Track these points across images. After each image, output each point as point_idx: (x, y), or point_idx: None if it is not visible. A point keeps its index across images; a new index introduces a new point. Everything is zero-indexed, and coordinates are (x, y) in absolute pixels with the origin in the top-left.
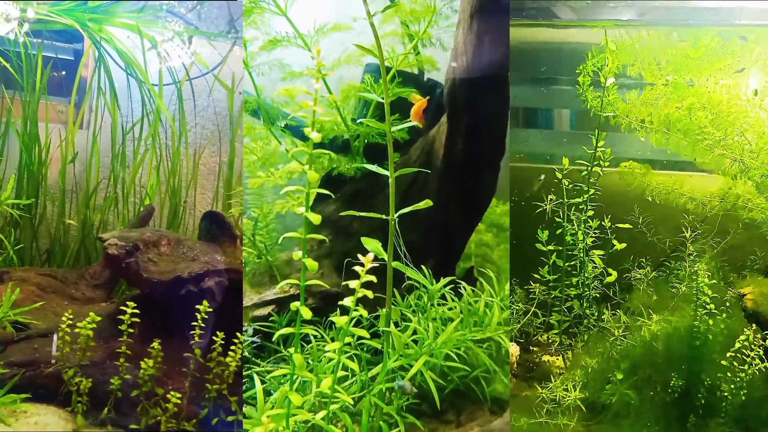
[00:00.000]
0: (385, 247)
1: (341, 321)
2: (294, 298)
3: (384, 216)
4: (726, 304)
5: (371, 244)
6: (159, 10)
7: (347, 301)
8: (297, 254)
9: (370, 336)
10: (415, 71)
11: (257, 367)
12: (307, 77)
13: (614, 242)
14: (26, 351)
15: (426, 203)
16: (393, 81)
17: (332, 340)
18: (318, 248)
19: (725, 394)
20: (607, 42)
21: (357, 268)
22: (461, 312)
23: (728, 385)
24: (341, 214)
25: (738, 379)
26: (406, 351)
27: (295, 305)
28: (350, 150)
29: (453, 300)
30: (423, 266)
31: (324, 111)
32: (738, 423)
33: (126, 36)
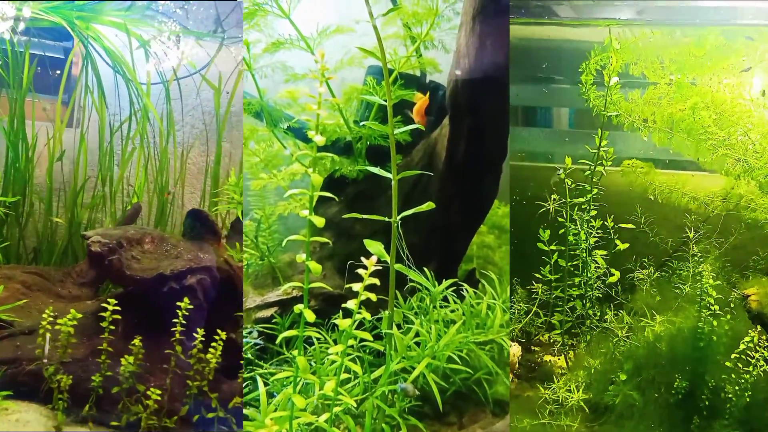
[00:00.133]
0: (388, 250)
1: (344, 324)
2: (297, 300)
3: (387, 218)
4: (731, 305)
5: (374, 247)
6: (146, 9)
7: (350, 304)
8: (301, 257)
9: (372, 337)
10: (417, 73)
11: (260, 369)
12: (310, 79)
13: (617, 242)
14: (9, 348)
15: (428, 206)
16: (395, 83)
17: (335, 342)
18: (320, 250)
19: (729, 396)
20: (611, 40)
21: (360, 271)
22: (463, 314)
23: (732, 387)
24: (344, 217)
25: (742, 381)
26: (409, 353)
27: (299, 308)
28: (352, 152)
29: (455, 302)
30: (425, 268)
31: (326, 113)
32: (742, 425)
33: (114, 34)
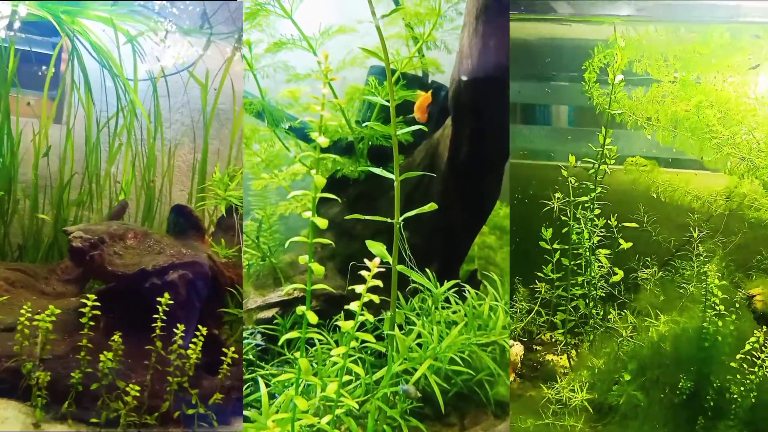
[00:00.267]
0: (390, 250)
1: (347, 326)
2: (298, 301)
3: (389, 219)
4: (736, 305)
5: (376, 248)
6: (134, 5)
7: (353, 306)
8: (303, 258)
9: (374, 338)
10: (420, 73)
11: (261, 370)
12: (312, 79)
13: (620, 241)
14: None
15: (431, 206)
16: (398, 83)
17: (336, 343)
18: (322, 250)
19: (735, 397)
20: (616, 38)
21: (363, 273)
22: (465, 315)
23: (738, 388)
24: (346, 218)
25: (748, 382)
26: (411, 355)
27: (301, 309)
28: (354, 152)
29: (457, 303)
30: (427, 269)
31: (328, 113)
32: (748, 425)
33: (101, 29)
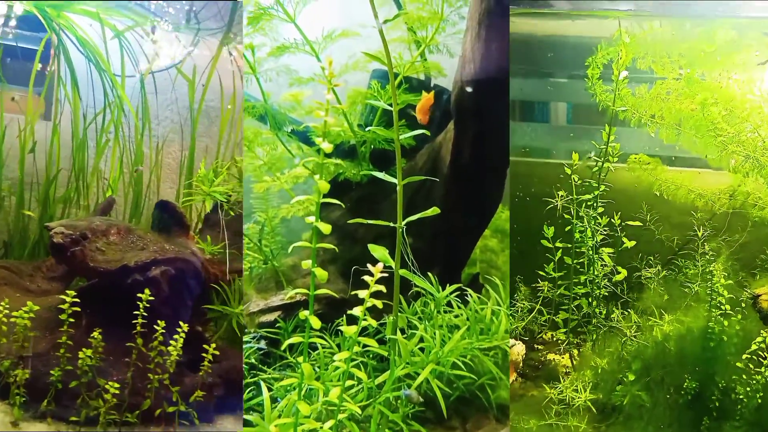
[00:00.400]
0: (392, 254)
1: (350, 331)
2: (300, 304)
3: (391, 224)
4: (742, 305)
5: (378, 252)
6: (128, 4)
7: (356, 311)
8: (307, 263)
9: (377, 342)
10: (422, 77)
11: (263, 374)
12: (314, 82)
13: (624, 239)
14: None
15: (433, 211)
16: (400, 87)
17: (338, 346)
18: (324, 254)
19: (740, 397)
20: (621, 33)
21: (366, 278)
22: (468, 319)
23: (743, 388)
24: (349, 222)
25: (754, 382)
26: (413, 359)
27: (304, 314)
28: (356, 155)
29: (459, 307)
30: (429, 273)
31: (331, 117)
32: (753, 426)
33: (89, 24)
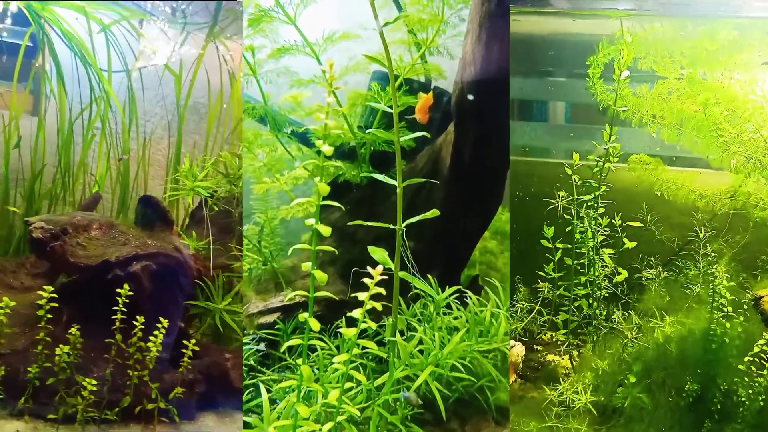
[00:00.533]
0: (392, 256)
1: (349, 333)
2: (299, 306)
3: (391, 225)
4: (744, 307)
5: (378, 254)
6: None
7: (356, 313)
8: (306, 265)
9: (375, 343)
10: (422, 79)
11: (262, 376)
12: (315, 84)
13: (624, 240)
14: None
15: (433, 213)
16: (400, 89)
17: (337, 348)
18: (323, 255)
19: (742, 399)
20: (623, 33)
21: (366, 281)
22: (467, 321)
23: (745, 390)
24: (348, 224)
25: (756, 384)
26: (412, 361)
27: (303, 316)
28: (356, 157)
29: (458, 309)
30: (428, 275)
31: (331, 120)
32: (755, 429)
33: (75, 18)
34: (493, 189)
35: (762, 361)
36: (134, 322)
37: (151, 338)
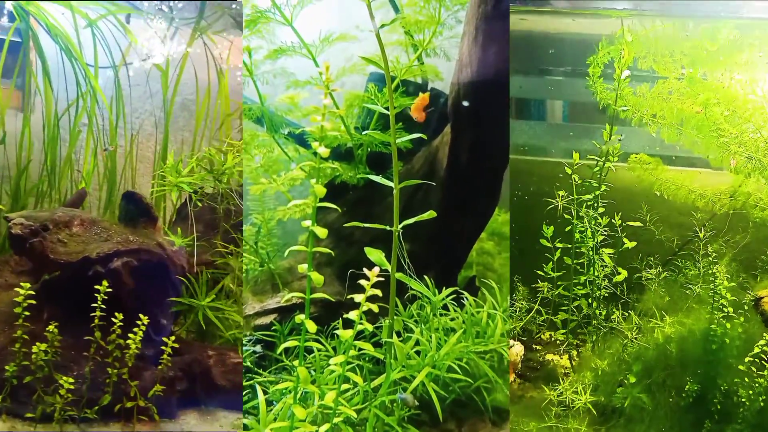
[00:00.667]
0: (388, 257)
1: (346, 335)
2: (296, 307)
3: (388, 227)
4: (744, 308)
5: (374, 255)
6: None
7: (352, 315)
8: (303, 267)
9: (372, 344)
10: (419, 80)
11: (259, 377)
12: (311, 85)
13: (624, 240)
14: None
15: (430, 214)
16: (397, 90)
17: (334, 349)
18: (320, 256)
19: (743, 400)
20: (624, 32)
21: (363, 282)
22: (463, 323)
23: (746, 391)
24: (345, 225)
25: (756, 385)
26: (409, 362)
27: (300, 318)
28: (353, 158)
29: (455, 310)
30: (425, 276)
31: (328, 122)
32: (755, 429)
33: (61, 12)
34: (490, 190)
35: (762, 362)
36: (113, 320)
37: (130, 335)
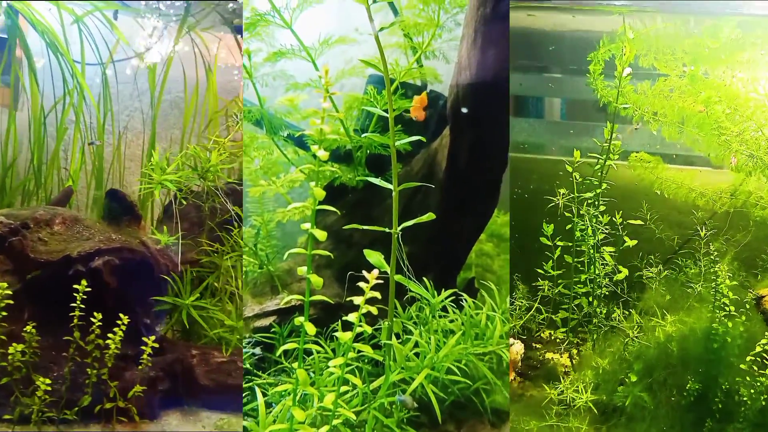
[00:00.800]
0: (387, 259)
1: (345, 337)
2: (296, 309)
3: (387, 229)
4: (746, 307)
5: (373, 257)
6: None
7: (351, 317)
8: (302, 269)
9: (371, 346)
10: (418, 83)
11: (258, 379)
12: (311, 87)
13: (625, 238)
14: None
15: (429, 216)
16: (396, 93)
17: (333, 351)
18: (319, 258)
19: (744, 399)
20: (625, 29)
21: (362, 284)
22: (462, 324)
23: (747, 390)
24: (345, 228)
25: (758, 384)
26: (408, 364)
27: (299, 320)
28: (352, 160)
29: (454, 312)
30: (424, 277)
31: (328, 126)
32: (757, 428)
33: (47, 9)
34: (489, 192)
35: (764, 361)
36: (92, 319)
37: (110, 335)
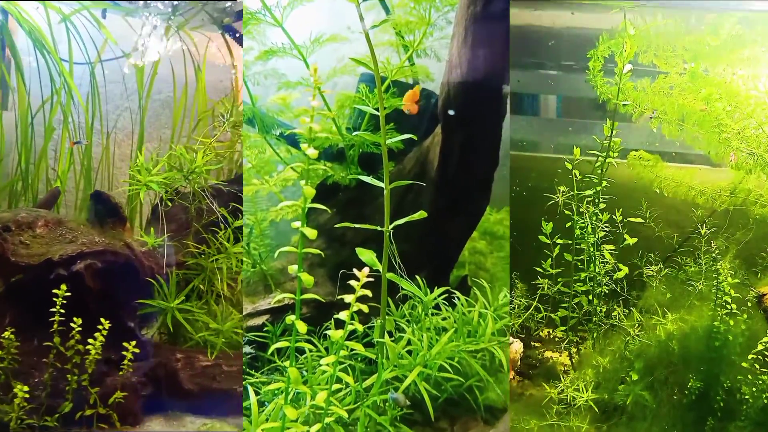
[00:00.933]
0: (380, 258)
1: (336, 335)
2: (288, 308)
3: (379, 227)
4: (747, 305)
5: (366, 255)
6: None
7: (343, 315)
8: (293, 268)
9: (364, 344)
10: (410, 81)
11: (251, 378)
12: (303, 86)
13: (626, 236)
14: None
15: (420, 215)
16: (388, 91)
17: (326, 350)
18: (312, 257)
19: (746, 397)
20: (626, 25)
21: (352, 283)
22: (455, 322)
23: (749, 388)
24: (336, 226)
25: (759, 382)
26: (400, 362)
27: (291, 318)
28: (344, 158)
29: (447, 310)
30: (417, 276)
31: (318, 125)
32: (758, 427)
33: (35, 7)
34: (481, 190)
35: (765, 359)
36: (72, 324)
37: (90, 341)
